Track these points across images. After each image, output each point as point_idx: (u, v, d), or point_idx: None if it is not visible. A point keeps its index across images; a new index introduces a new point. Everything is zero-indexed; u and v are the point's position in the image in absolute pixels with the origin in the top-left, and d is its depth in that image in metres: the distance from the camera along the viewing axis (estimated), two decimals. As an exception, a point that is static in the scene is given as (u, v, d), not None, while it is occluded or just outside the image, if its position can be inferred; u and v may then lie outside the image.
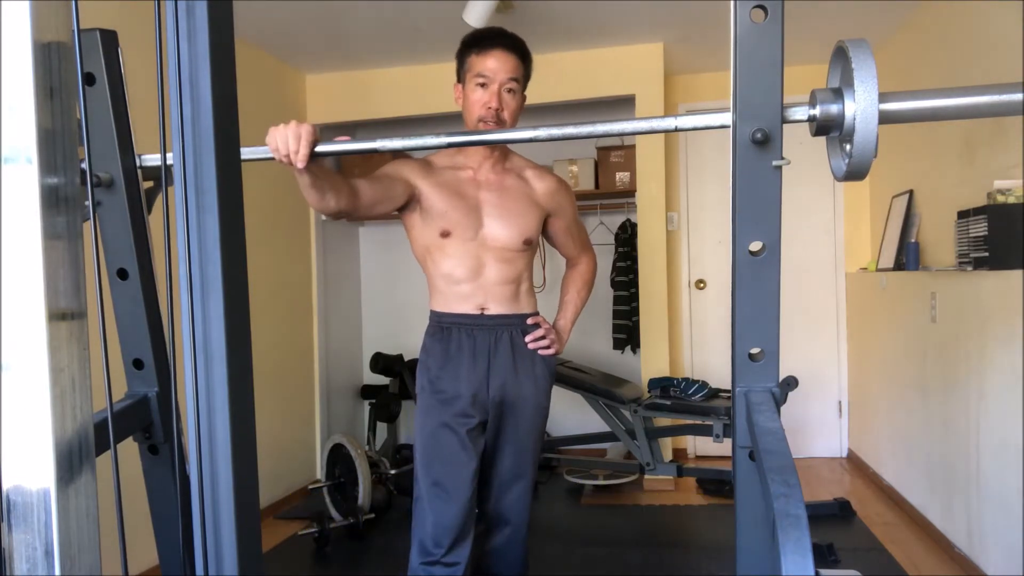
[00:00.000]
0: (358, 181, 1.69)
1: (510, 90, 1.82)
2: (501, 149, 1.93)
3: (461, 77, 1.88)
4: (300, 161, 1.34)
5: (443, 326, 1.88)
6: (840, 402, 4.50)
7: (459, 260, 1.85)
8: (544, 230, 2.00)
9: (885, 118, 0.95)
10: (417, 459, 1.86)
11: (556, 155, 4.64)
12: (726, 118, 1.01)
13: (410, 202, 1.84)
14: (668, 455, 4.18)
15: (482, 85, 1.81)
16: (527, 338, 1.90)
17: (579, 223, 2.10)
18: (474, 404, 1.84)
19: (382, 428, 4.69)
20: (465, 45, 1.87)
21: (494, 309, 1.88)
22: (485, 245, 1.86)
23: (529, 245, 1.92)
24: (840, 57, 1.00)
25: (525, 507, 1.96)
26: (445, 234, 1.83)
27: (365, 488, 3.39)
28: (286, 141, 1.33)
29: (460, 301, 1.87)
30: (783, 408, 1.03)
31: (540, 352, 1.91)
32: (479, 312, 1.87)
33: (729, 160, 1.00)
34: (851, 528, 3.31)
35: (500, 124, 1.82)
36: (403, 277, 4.99)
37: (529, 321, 1.92)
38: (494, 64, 1.81)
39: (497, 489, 1.94)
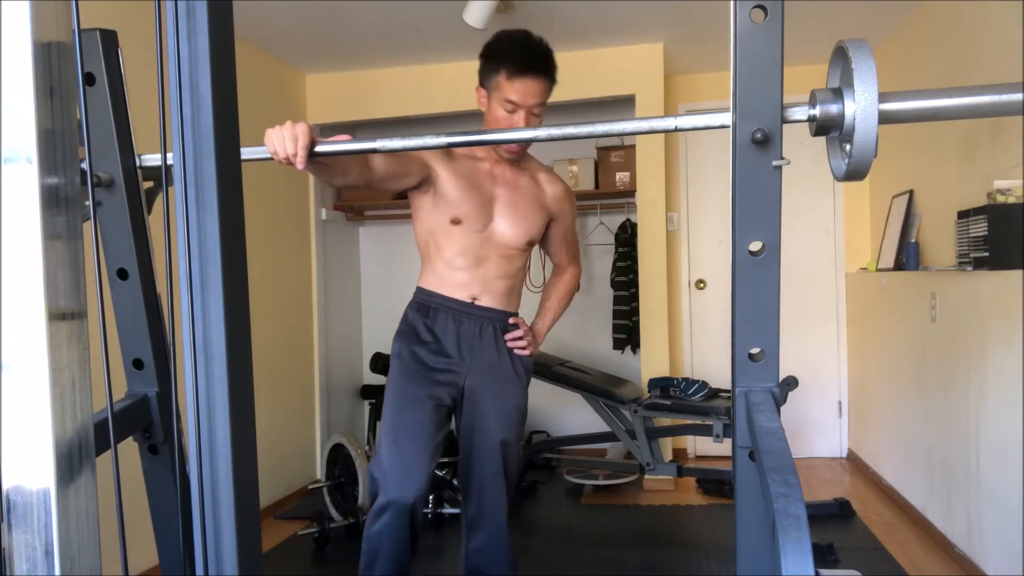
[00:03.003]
0: (373, 155, 1.69)
1: (535, 114, 1.84)
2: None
3: (487, 86, 1.86)
4: (299, 163, 1.34)
5: (430, 306, 1.90)
6: (840, 402, 4.50)
7: (463, 249, 1.87)
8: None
9: (885, 118, 0.95)
10: (385, 425, 1.86)
11: (556, 155, 4.63)
12: (726, 118, 1.01)
13: (423, 183, 1.85)
14: (668, 455, 4.18)
15: (511, 111, 1.82)
16: (506, 336, 1.93)
17: (575, 233, 2.13)
18: (450, 386, 1.86)
19: (382, 428, 4.69)
20: (495, 59, 1.83)
21: (485, 301, 1.90)
22: (491, 240, 1.89)
23: (531, 246, 1.96)
24: (840, 57, 1.00)
25: (504, 504, 1.96)
26: (455, 221, 1.85)
27: (365, 488, 3.39)
28: (283, 142, 1.32)
29: (454, 287, 1.89)
30: (783, 408, 1.03)
31: (516, 351, 1.94)
32: (470, 301, 1.89)
33: (729, 160, 1.00)
34: (851, 528, 3.31)
35: (523, 147, 1.88)
36: (403, 277, 4.98)
37: (510, 320, 1.95)
38: (524, 89, 1.79)
39: (477, 487, 1.94)
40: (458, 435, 1.96)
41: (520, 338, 1.94)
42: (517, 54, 1.81)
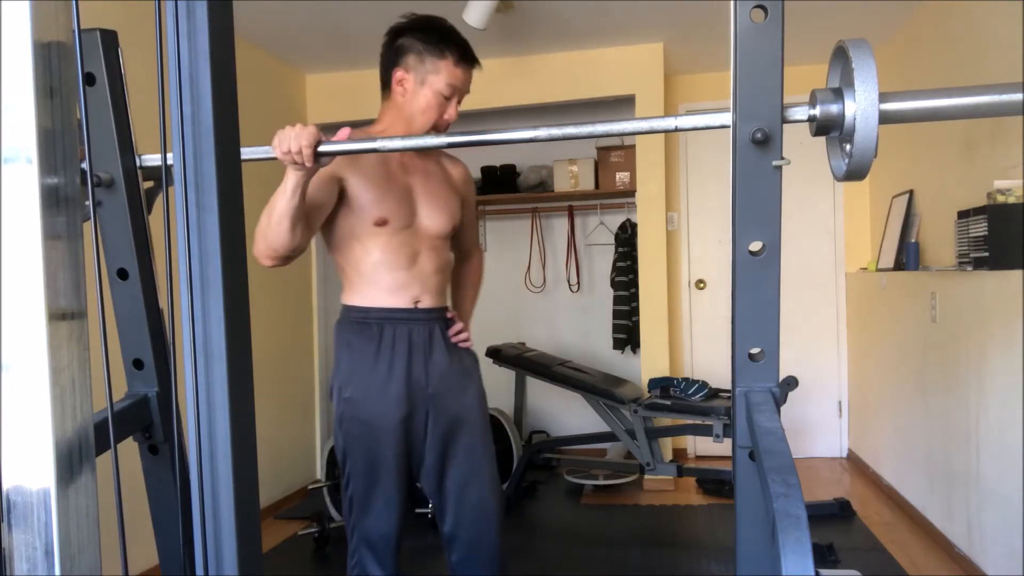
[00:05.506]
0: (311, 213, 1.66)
1: (459, 101, 1.82)
2: None
3: (419, 68, 1.78)
4: (308, 160, 1.37)
5: (369, 322, 1.77)
6: (840, 402, 4.50)
7: (395, 249, 1.75)
8: None
9: (885, 118, 0.95)
10: (350, 466, 1.77)
11: (556, 155, 4.64)
12: (726, 118, 1.01)
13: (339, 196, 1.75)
14: (668, 455, 4.18)
15: (449, 96, 1.77)
16: (450, 332, 1.84)
17: (475, 217, 2.08)
18: (407, 408, 1.74)
19: (382, 428, 4.69)
20: (441, 43, 1.77)
21: (427, 302, 1.79)
22: (418, 234, 1.78)
23: (454, 232, 1.88)
24: (840, 57, 1.00)
25: (492, 507, 1.83)
26: (381, 223, 1.72)
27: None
28: (289, 142, 1.36)
29: (391, 293, 1.76)
30: (783, 408, 1.03)
31: (461, 345, 1.86)
32: (413, 306, 1.77)
33: (729, 160, 1.00)
34: (851, 528, 3.31)
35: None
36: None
37: (448, 315, 1.86)
38: (467, 78, 1.79)
39: (456, 493, 1.81)
40: (424, 447, 1.81)
41: (462, 331, 1.86)
42: (462, 42, 1.79)
